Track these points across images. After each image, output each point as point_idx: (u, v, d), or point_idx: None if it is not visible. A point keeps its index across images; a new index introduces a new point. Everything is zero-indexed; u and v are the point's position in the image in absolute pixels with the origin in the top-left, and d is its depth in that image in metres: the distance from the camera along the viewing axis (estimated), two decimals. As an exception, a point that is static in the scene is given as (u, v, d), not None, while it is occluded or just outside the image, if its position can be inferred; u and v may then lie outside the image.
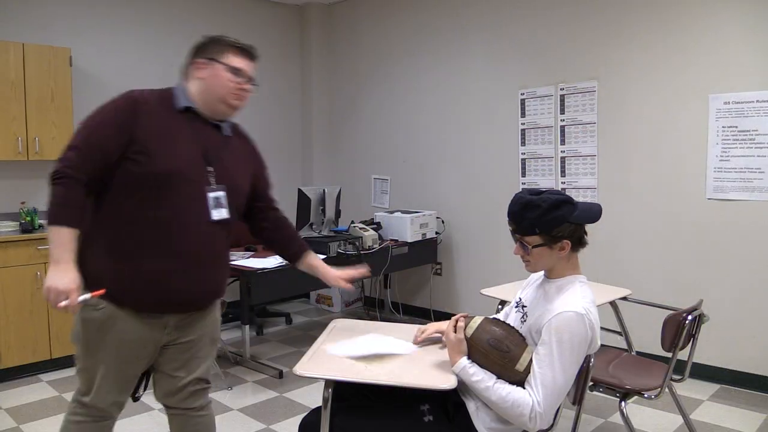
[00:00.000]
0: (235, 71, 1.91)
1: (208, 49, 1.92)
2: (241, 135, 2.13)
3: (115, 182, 1.79)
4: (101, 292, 1.77)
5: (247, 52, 1.95)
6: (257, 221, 2.26)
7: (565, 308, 1.72)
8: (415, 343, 2.07)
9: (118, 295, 1.81)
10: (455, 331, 1.80)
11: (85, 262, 1.79)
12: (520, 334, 1.81)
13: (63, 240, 1.72)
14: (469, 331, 1.78)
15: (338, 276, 2.25)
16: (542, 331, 1.74)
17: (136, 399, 2.03)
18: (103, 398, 1.89)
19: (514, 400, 1.69)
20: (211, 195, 1.89)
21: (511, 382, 1.73)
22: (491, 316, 2.06)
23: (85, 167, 1.75)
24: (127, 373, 1.91)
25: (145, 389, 2.04)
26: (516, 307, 1.98)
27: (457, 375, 1.75)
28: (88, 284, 1.79)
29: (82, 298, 1.73)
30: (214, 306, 2.06)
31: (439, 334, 2.06)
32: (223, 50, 1.91)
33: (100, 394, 1.88)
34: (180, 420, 2.09)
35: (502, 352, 1.73)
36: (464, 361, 1.76)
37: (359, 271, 2.26)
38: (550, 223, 1.76)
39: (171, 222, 1.81)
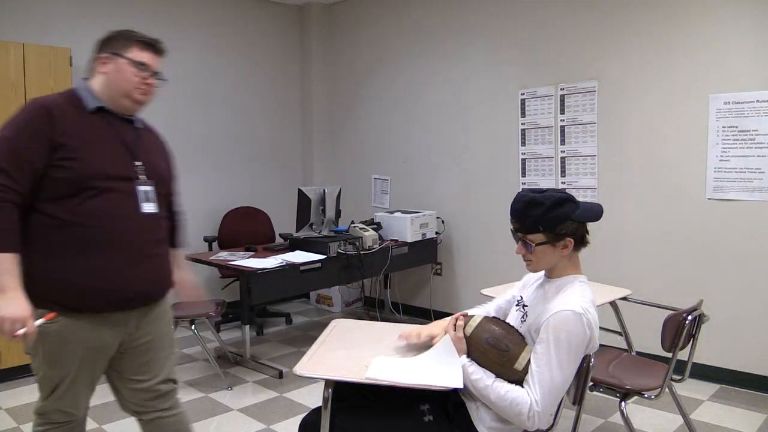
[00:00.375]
0: (140, 66, 1.89)
1: (112, 44, 1.91)
2: (150, 128, 2.12)
3: (44, 191, 1.77)
4: (53, 315, 1.76)
5: (152, 46, 1.94)
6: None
7: (563, 307, 1.72)
8: (406, 339, 2.03)
9: (75, 302, 1.79)
10: (455, 330, 1.80)
11: (33, 279, 1.76)
12: (520, 334, 1.81)
13: (5, 267, 1.68)
14: (469, 330, 1.79)
15: (185, 279, 2.19)
16: (540, 330, 1.74)
17: None
18: (68, 403, 1.88)
19: (513, 399, 1.69)
20: (141, 189, 1.90)
21: (510, 381, 1.73)
22: (491, 314, 2.06)
23: (17, 188, 1.72)
24: (93, 377, 1.92)
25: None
26: (516, 306, 1.98)
27: None
28: (42, 298, 1.76)
29: (38, 322, 1.72)
30: (167, 303, 2.07)
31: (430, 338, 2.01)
32: (127, 45, 1.90)
33: (64, 400, 1.87)
34: (154, 425, 2.06)
35: (501, 351, 1.73)
36: (463, 360, 1.76)
37: (195, 292, 2.21)
38: (553, 221, 1.77)
39: (109, 219, 1.81)
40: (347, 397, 1.97)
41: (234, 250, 4.40)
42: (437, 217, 4.89)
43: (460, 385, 1.71)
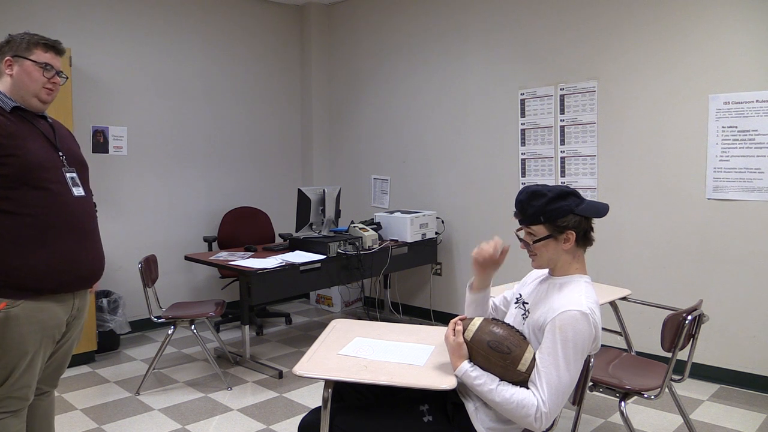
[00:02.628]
0: (44, 66, 2.00)
1: (13, 46, 2.01)
2: (57, 122, 2.22)
3: None
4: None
5: (53, 47, 2.05)
6: None
7: (570, 307, 1.72)
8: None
9: (36, 284, 1.90)
10: (454, 335, 1.79)
11: None
12: (521, 333, 1.80)
13: None
14: (469, 334, 1.77)
15: None
16: (546, 330, 1.73)
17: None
18: (22, 386, 1.94)
19: (519, 401, 1.68)
20: (68, 176, 2.03)
21: (514, 383, 1.72)
22: (490, 315, 2.06)
23: None
24: (45, 357, 2.00)
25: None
26: (516, 303, 1.98)
27: (459, 378, 1.75)
28: (1, 285, 1.86)
29: None
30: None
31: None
32: (29, 47, 2.00)
33: (19, 383, 1.93)
34: (34, 404, 2.12)
35: (504, 353, 1.71)
36: (466, 365, 1.74)
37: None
38: (555, 212, 1.78)
39: (54, 206, 1.94)
40: (347, 397, 1.97)
41: (234, 250, 4.40)
42: (437, 217, 4.89)
43: (453, 386, 1.71)
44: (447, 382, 1.72)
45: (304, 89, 5.84)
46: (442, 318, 4.95)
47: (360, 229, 4.41)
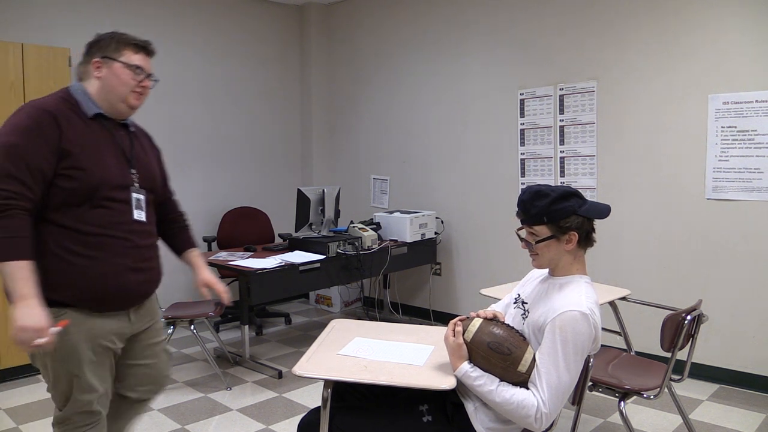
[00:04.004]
0: (134, 69, 1.89)
1: (102, 47, 1.89)
2: (141, 130, 2.12)
3: (50, 199, 1.76)
4: (66, 323, 1.77)
5: (144, 48, 1.93)
6: (157, 215, 2.23)
7: (570, 307, 1.72)
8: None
9: (86, 302, 1.82)
10: (454, 335, 1.79)
11: (46, 281, 1.76)
12: (521, 334, 1.80)
13: (23, 274, 1.67)
14: (469, 335, 1.76)
15: (202, 280, 2.20)
16: (546, 330, 1.73)
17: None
18: (85, 401, 1.86)
19: (519, 402, 1.68)
20: (134, 196, 1.92)
21: (514, 383, 1.72)
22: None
23: (30, 195, 1.70)
24: (104, 372, 1.91)
25: None
26: (515, 303, 1.98)
27: (459, 379, 1.74)
28: (54, 299, 1.77)
29: (53, 330, 1.71)
30: (154, 295, 2.13)
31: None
32: (119, 48, 1.88)
33: (81, 400, 1.86)
34: (126, 408, 2.10)
35: (504, 355, 1.71)
36: (466, 366, 1.74)
37: (220, 289, 2.20)
38: (558, 213, 1.78)
39: (112, 227, 1.83)
40: (346, 397, 1.97)
41: (233, 250, 4.40)
42: (436, 217, 4.89)
43: (453, 386, 1.71)
44: (446, 382, 1.72)
45: (303, 89, 5.84)
46: (442, 318, 4.95)
47: (359, 229, 4.41)
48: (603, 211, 1.84)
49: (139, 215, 1.92)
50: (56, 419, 1.90)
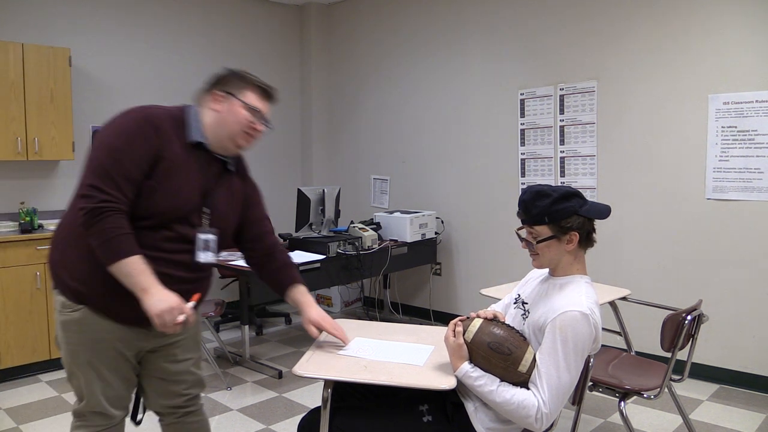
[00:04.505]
0: (252, 110, 1.87)
1: (228, 83, 1.88)
2: (243, 170, 2.07)
3: None
4: (198, 296, 1.82)
5: (267, 93, 1.92)
6: (249, 252, 2.21)
7: (570, 307, 1.71)
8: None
9: (97, 308, 1.78)
10: (454, 336, 1.79)
11: (67, 274, 1.76)
12: (521, 334, 1.79)
13: (139, 268, 1.68)
14: (469, 335, 1.76)
15: (311, 319, 2.05)
16: (546, 330, 1.73)
17: (137, 423, 2.01)
18: (97, 401, 1.84)
19: (520, 402, 1.67)
20: (202, 237, 1.85)
21: (515, 384, 1.72)
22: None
23: (123, 198, 1.68)
24: (117, 371, 1.85)
25: (144, 412, 2.02)
26: (515, 303, 1.97)
27: (459, 379, 1.74)
28: (67, 292, 1.76)
29: (190, 305, 1.75)
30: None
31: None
32: (243, 87, 1.87)
33: (93, 398, 1.84)
34: (174, 428, 2.05)
35: (504, 355, 1.70)
36: (466, 366, 1.74)
37: (331, 328, 2.03)
38: (559, 213, 1.78)
39: (161, 258, 1.77)
40: (346, 397, 1.97)
41: (233, 250, 4.37)
42: (436, 217, 4.89)
43: (453, 386, 1.71)
44: (446, 382, 1.72)
45: (303, 89, 5.83)
46: (442, 318, 4.95)
47: (359, 229, 4.41)
48: (603, 211, 1.85)
49: (206, 257, 1.87)
50: (74, 411, 1.89)
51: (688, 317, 2.43)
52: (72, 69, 4.14)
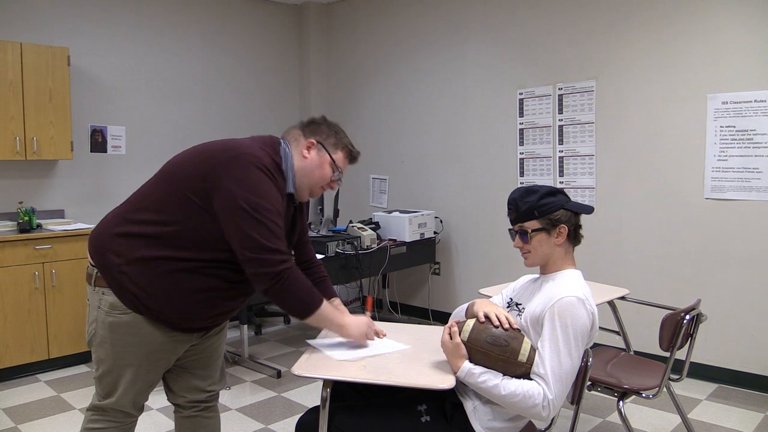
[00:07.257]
0: (337, 170, 1.98)
1: (323, 134, 1.97)
2: (305, 206, 2.19)
3: (203, 238, 1.79)
4: (370, 299, 1.89)
5: (353, 158, 2.04)
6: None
7: (566, 293, 1.75)
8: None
9: (153, 316, 1.82)
10: (450, 338, 1.79)
11: (128, 279, 1.78)
12: (516, 327, 1.81)
13: (328, 312, 1.89)
14: (465, 335, 1.77)
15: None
16: (545, 319, 1.75)
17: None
18: (127, 401, 1.88)
19: (525, 392, 1.69)
20: None
21: (517, 376, 1.73)
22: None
23: (288, 252, 1.83)
24: (156, 374, 1.92)
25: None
26: (508, 307, 1.99)
27: (462, 379, 1.75)
28: (124, 296, 1.79)
29: (368, 314, 1.87)
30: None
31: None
32: (337, 145, 1.98)
33: (124, 397, 1.87)
34: (191, 422, 2.10)
35: (502, 347, 1.73)
36: (467, 365, 1.75)
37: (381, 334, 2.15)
38: (548, 206, 1.86)
39: (223, 289, 1.86)
40: (345, 396, 1.97)
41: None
42: (435, 217, 4.89)
43: (452, 385, 1.71)
44: (445, 382, 1.72)
45: (302, 88, 5.83)
46: (441, 317, 4.95)
47: (358, 228, 4.41)
48: (587, 208, 1.94)
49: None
50: (93, 405, 1.91)
51: (687, 317, 2.43)
52: (71, 68, 4.13)
